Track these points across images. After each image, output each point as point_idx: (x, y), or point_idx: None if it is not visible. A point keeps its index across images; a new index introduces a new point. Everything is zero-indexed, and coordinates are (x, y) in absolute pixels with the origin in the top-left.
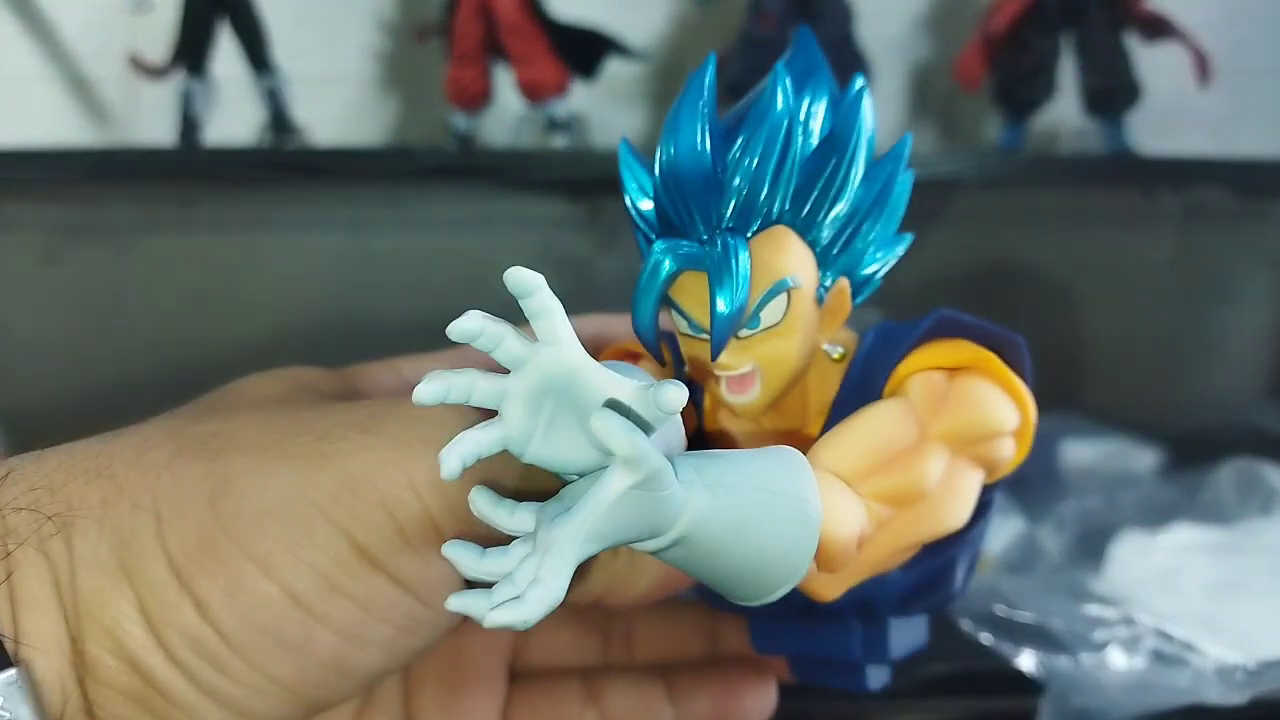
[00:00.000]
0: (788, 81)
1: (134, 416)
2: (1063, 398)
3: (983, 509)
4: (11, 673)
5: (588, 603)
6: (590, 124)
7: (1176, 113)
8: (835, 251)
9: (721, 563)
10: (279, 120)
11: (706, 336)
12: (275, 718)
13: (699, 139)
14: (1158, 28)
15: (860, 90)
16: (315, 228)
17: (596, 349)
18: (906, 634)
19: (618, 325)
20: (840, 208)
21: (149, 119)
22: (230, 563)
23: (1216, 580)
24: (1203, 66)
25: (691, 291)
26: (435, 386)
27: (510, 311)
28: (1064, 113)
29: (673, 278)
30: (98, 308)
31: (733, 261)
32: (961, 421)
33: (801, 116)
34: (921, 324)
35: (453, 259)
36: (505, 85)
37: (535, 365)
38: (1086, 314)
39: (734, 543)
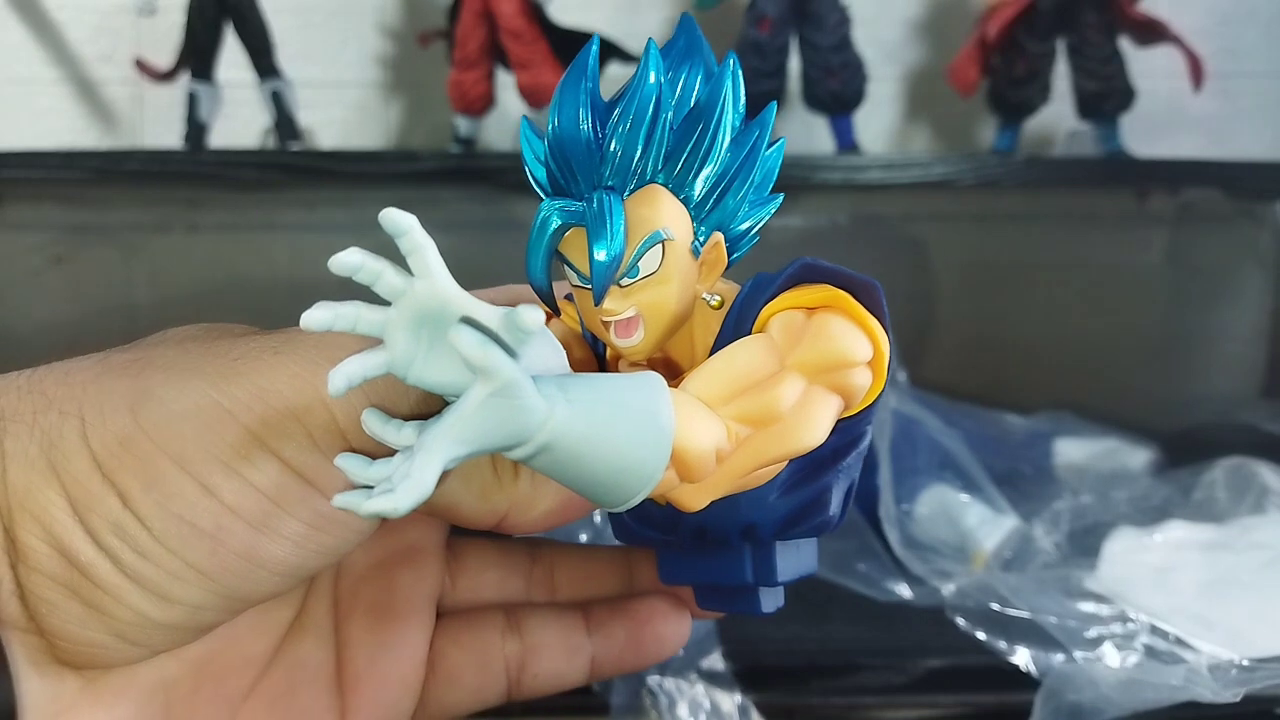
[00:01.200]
0: (659, 58)
1: None
2: (1057, 396)
3: (855, 440)
4: None
5: (494, 521)
6: None
7: (1170, 115)
8: (708, 208)
9: (583, 468)
10: (284, 124)
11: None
12: (194, 603)
13: (580, 109)
14: (1151, 32)
15: (727, 64)
16: (319, 229)
17: None
18: (794, 559)
19: (528, 293)
20: (710, 169)
21: (155, 122)
22: (149, 459)
23: (1209, 578)
24: (1196, 70)
25: (577, 245)
26: (323, 314)
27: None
28: (1058, 116)
29: (560, 233)
30: (105, 308)
31: (607, 215)
32: (816, 352)
33: (674, 89)
34: (786, 270)
35: (455, 260)
36: (507, 89)
37: (411, 296)
38: (1080, 314)
39: (592, 450)
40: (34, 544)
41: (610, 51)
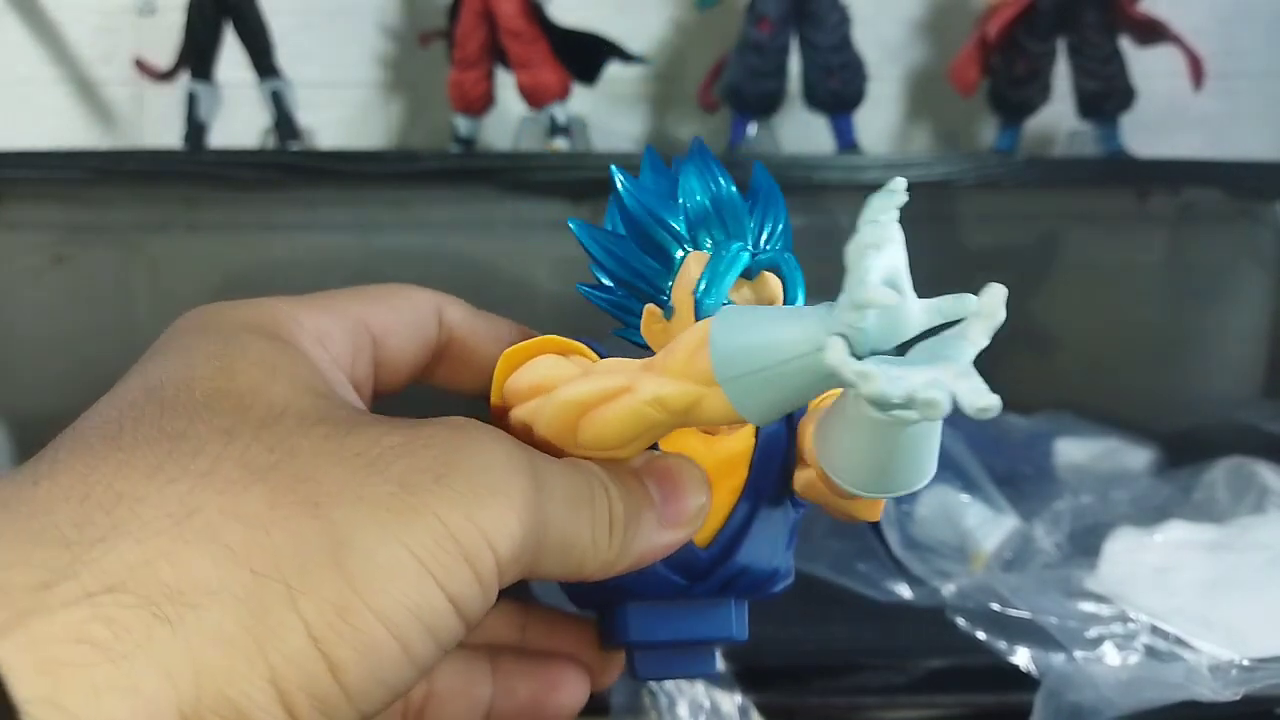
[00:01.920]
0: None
1: None
2: (1057, 396)
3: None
4: None
5: (581, 578)
6: (591, 127)
7: (1171, 115)
8: None
9: (929, 443)
10: (283, 124)
11: None
12: None
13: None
14: (1152, 31)
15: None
16: (319, 229)
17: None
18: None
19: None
20: None
21: (155, 122)
22: (366, 626)
23: (1210, 577)
24: (1197, 69)
25: (744, 295)
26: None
27: (508, 312)
28: (1058, 116)
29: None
30: (104, 308)
31: (797, 269)
32: None
33: None
34: None
35: (455, 260)
36: (507, 89)
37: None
38: (1080, 314)
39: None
40: None
41: (610, 51)
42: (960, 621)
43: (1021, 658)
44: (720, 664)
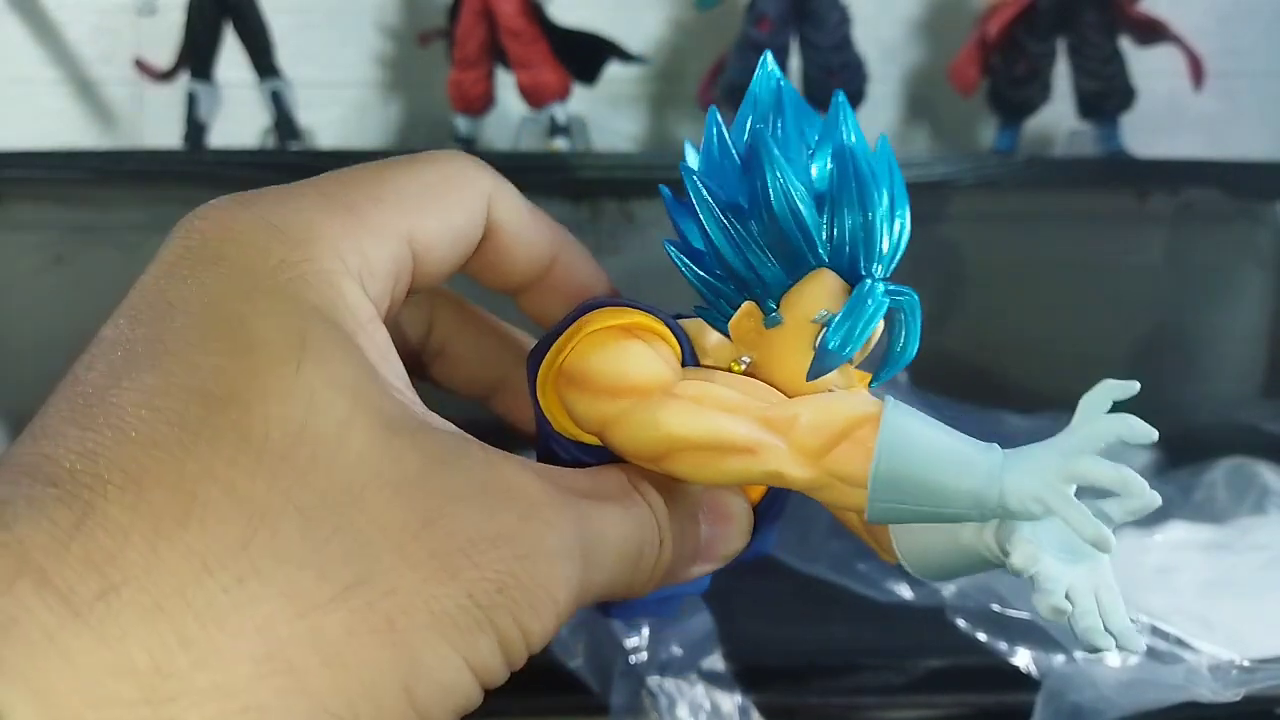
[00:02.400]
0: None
1: None
2: (1057, 396)
3: None
4: None
5: (610, 597)
6: (591, 127)
7: (1170, 115)
8: None
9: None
10: (283, 124)
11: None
12: None
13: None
14: (1152, 31)
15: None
16: None
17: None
18: None
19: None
20: None
21: (155, 122)
22: None
23: (1210, 578)
24: (1196, 69)
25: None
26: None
27: (508, 311)
28: (1058, 116)
29: None
30: (104, 308)
31: (920, 317)
32: None
33: None
34: None
35: None
36: (507, 89)
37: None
38: (1080, 314)
39: None
40: None
41: (610, 51)
42: (960, 622)
43: (1022, 658)
44: (720, 664)
